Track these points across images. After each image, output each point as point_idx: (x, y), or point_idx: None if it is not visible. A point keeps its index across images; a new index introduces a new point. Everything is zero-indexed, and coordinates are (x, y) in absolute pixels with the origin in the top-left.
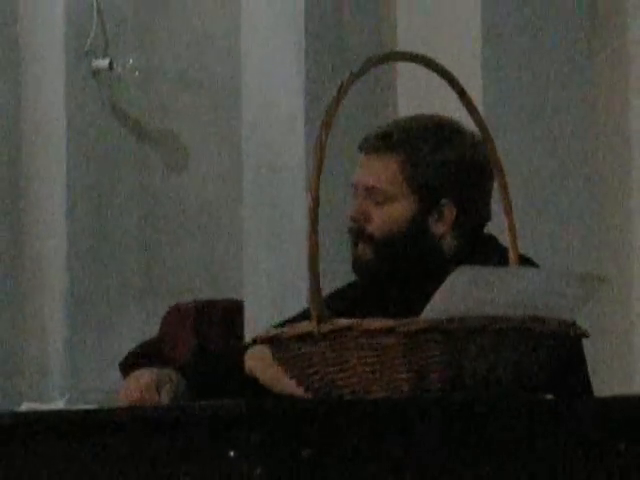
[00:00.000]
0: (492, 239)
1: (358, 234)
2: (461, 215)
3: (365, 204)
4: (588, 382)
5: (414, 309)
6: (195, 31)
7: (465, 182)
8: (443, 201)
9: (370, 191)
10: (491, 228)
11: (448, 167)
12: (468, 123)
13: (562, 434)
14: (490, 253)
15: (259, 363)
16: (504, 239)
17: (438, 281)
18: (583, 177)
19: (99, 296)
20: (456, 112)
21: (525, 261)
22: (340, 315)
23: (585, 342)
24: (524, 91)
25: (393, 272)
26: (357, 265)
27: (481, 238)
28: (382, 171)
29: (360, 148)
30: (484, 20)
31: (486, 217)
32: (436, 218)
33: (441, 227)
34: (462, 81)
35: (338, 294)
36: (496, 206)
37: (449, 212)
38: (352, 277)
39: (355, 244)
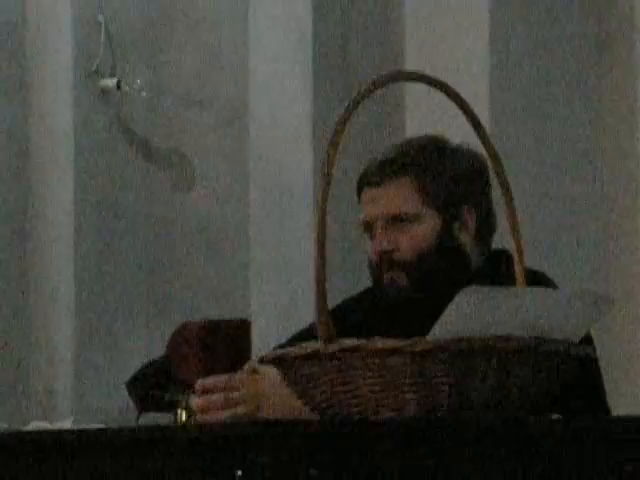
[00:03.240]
0: (506, 252)
1: (388, 264)
2: (481, 222)
3: (388, 234)
4: (602, 402)
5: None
6: (202, 51)
7: (477, 189)
8: (463, 208)
9: (392, 219)
10: None
11: (459, 176)
12: (475, 142)
13: (568, 454)
14: (508, 268)
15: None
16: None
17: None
18: (591, 197)
19: (106, 316)
20: (463, 132)
21: (536, 276)
22: (356, 324)
23: None
24: (532, 110)
25: (430, 291)
26: (393, 295)
27: (495, 251)
28: (398, 195)
29: (362, 185)
30: (492, 41)
31: (494, 227)
32: (459, 226)
33: (466, 235)
34: (469, 101)
35: (348, 306)
36: (504, 225)
37: (470, 218)
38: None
39: (380, 276)
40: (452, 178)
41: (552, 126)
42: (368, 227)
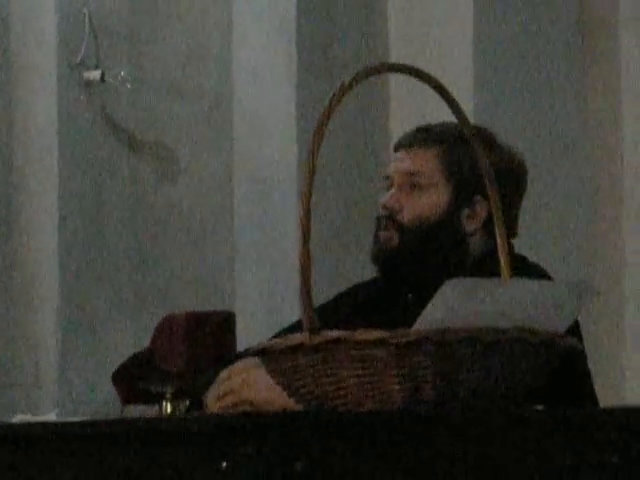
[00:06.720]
0: (521, 257)
1: (388, 221)
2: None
3: (399, 193)
4: (591, 394)
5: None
6: (187, 42)
7: (499, 185)
8: (477, 197)
9: (409, 176)
10: None
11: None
12: None
13: (553, 445)
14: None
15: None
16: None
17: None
18: (576, 188)
19: (91, 308)
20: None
21: (521, 260)
22: (342, 318)
23: None
24: (516, 102)
25: (417, 261)
26: (380, 252)
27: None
28: (422, 158)
29: (397, 146)
30: (476, 32)
31: (513, 231)
32: (468, 213)
33: (472, 223)
34: (454, 93)
35: (340, 298)
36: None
37: (481, 209)
38: (341, 289)
39: (380, 231)
40: (477, 164)
41: (536, 116)
42: (389, 184)
